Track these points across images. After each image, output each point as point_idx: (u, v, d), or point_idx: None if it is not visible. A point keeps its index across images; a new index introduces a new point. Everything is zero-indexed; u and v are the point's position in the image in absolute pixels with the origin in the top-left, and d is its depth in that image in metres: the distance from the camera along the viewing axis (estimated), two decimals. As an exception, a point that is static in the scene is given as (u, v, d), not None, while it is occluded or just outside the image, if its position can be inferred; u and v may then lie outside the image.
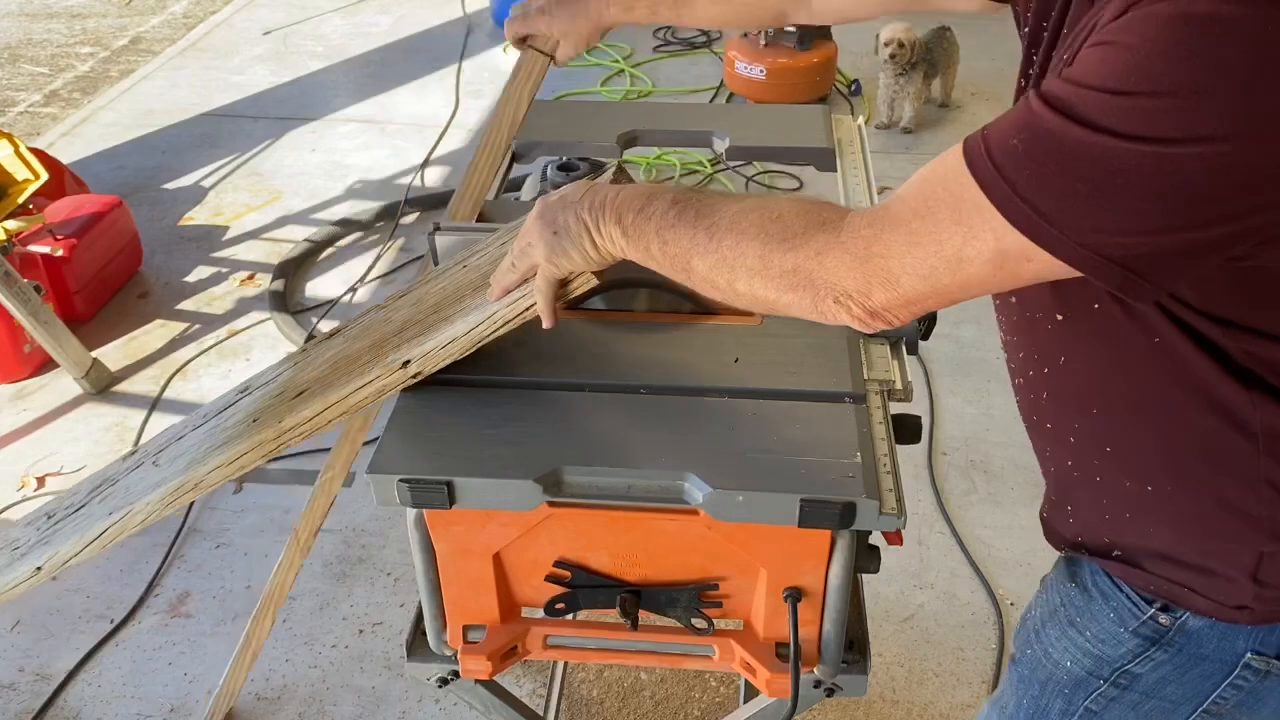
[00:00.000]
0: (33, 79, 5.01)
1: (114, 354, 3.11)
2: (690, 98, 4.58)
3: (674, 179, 3.89)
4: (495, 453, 1.07)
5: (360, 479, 2.54)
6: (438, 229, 1.36)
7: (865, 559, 1.12)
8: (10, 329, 2.87)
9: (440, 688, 1.29)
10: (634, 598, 1.14)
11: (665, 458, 1.06)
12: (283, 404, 1.18)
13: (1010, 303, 1.01)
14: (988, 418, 2.80)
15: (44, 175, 3.14)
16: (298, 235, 3.64)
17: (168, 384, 2.99)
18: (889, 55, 3.97)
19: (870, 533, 1.10)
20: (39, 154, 3.23)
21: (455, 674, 1.26)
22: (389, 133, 4.36)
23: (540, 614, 1.17)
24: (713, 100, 4.53)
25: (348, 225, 3.68)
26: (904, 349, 1.25)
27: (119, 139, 4.35)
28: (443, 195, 3.83)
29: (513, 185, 1.78)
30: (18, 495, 2.63)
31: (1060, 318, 0.93)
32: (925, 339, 1.32)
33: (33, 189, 3.10)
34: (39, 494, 2.63)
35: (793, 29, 4.20)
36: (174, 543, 2.47)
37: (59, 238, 3.07)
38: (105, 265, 3.27)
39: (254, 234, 3.70)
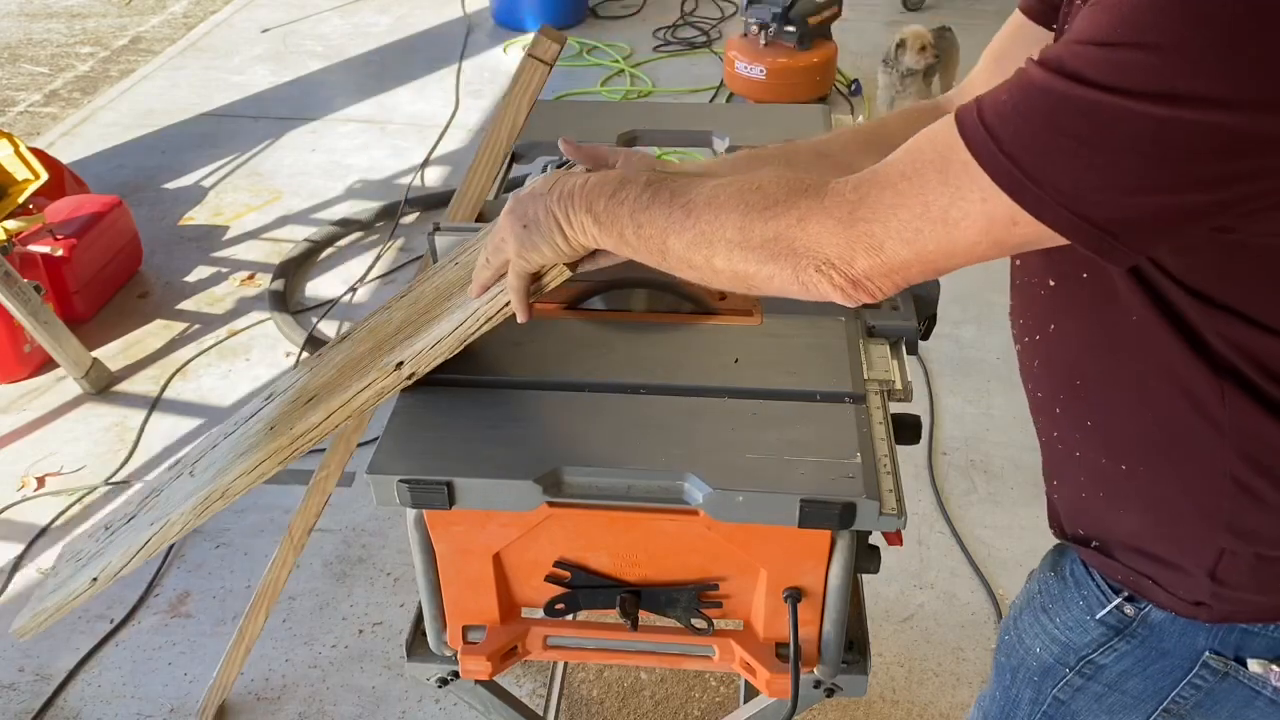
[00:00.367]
0: (33, 79, 5.01)
1: (114, 354, 3.11)
2: (690, 98, 4.58)
3: (674, 179, 3.88)
4: (495, 453, 1.07)
5: (360, 479, 2.55)
6: (438, 229, 1.36)
7: (865, 559, 1.12)
8: (10, 329, 2.87)
9: (440, 688, 1.29)
10: (634, 598, 1.14)
11: (665, 458, 1.06)
12: (295, 410, 1.20)
13: (1015, 266, 1.00)
14: (988, 418, 2.80)
15: (44, 175, 3.14)
16: (298, 235, 3.64)
17: (168, 384, 2.99)
18: (931, 57, 3.97)
19: (870, 533, 1.10)
20: (39, 154, 3.23)
21: (455, 674, 1.26)
22: (389, 133, 4.36)
23: (540, 614, 1.17)
24: (713, 100, 4.53)
25: (348, 225, 3.68)
26: (904, 349, 1.26)
27: (119, 139, 4.36)
28: (443, 195, 3.83)
29: (513, 185, 1.78)
30: (18, 495, 2.63)
31: (1051, 284, 0.93)
32: (925, 339, 1.32)
33: (33, 189, 3.10)
34: (39, 494, 2.63)
35: (792, 29, 4.21)
36: (174, 543, 2.47)
37: (59, 238, 3.07)
38: (105, 265, 3.27)
39: (254, 234, 3.70)
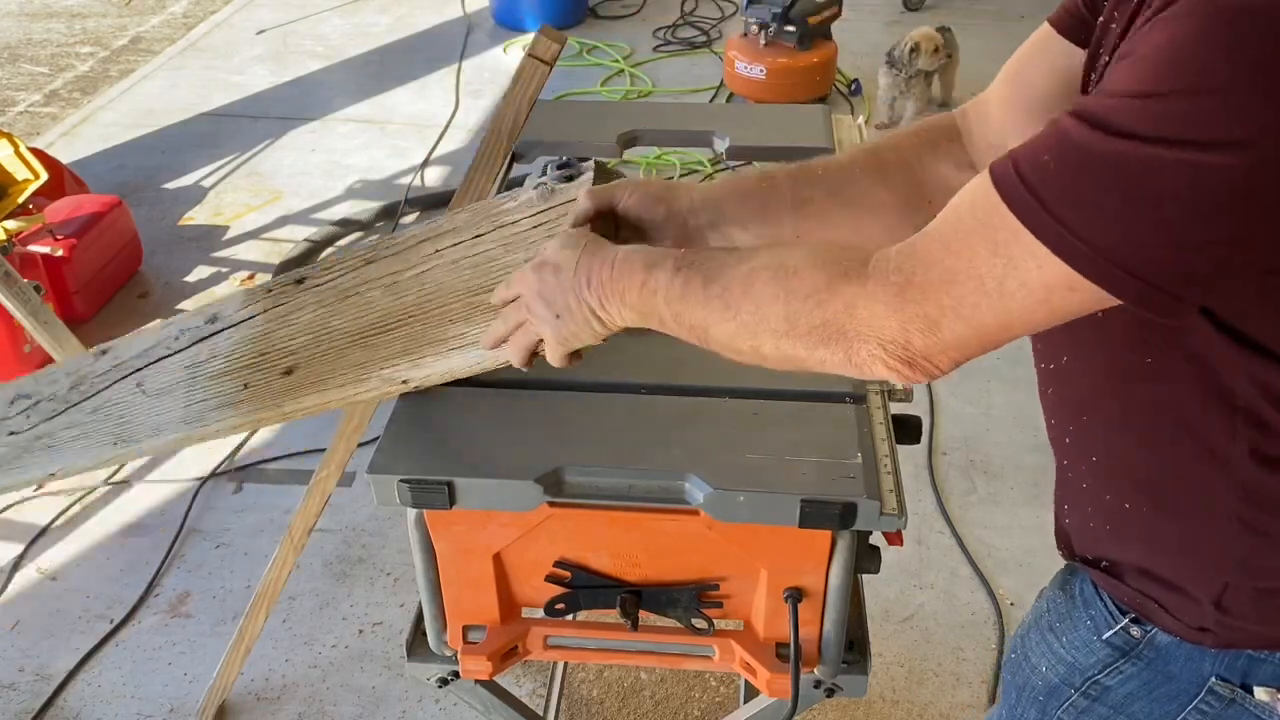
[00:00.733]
0: (33, 79, 5.01)
1: (114, 354, 3.10)
2: (690, 98, 4.58)
3: (674, 178, 3.88)
4: (495, 453, 1.07)
5: (360, 479, 2.55)
6: (438, 229, 1.36)
7: (865, 559, 1.12)
8: (10, 329, 2.87)
9: (440, 688, 1.29)
10: (634, 598, 1.14)
11: (665, 458, 1.06)
12: (274, 378, 1.19)
13: None
14: (988, 418, 2.80)
15: (44, 175, 3.14)
16: (298, 235, 3.64)
17: (168, 384, 2.99)
18: (944, 57, 3.97)
19: (870, 533, 1.10)
20: (39, 154, 3.22)
21: (455, 674, 1.26)
22: (389, 133, 4.36)
23: (540, 614, 1.17)
24: (713, 100, 4.53)
25: (348, 225, 3.68)
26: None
27: (119, 139, 4.35)
28: (443, 195, 3.83)
29: (513, 185, 1.78)
30: (18, 495, 2.63)
31: None
32: (925, 339, 1.32)
33: (33, 189, 3.10)
34: (39, 494, 2.63)
35: (792, 29, 4.21)
36: (174, 543, 2.47)
37: (59, 238, 3.07)
38: (105, 265, 3.27)
39: (254, 234, 3.70)
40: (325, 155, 4.20)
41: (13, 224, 2.96)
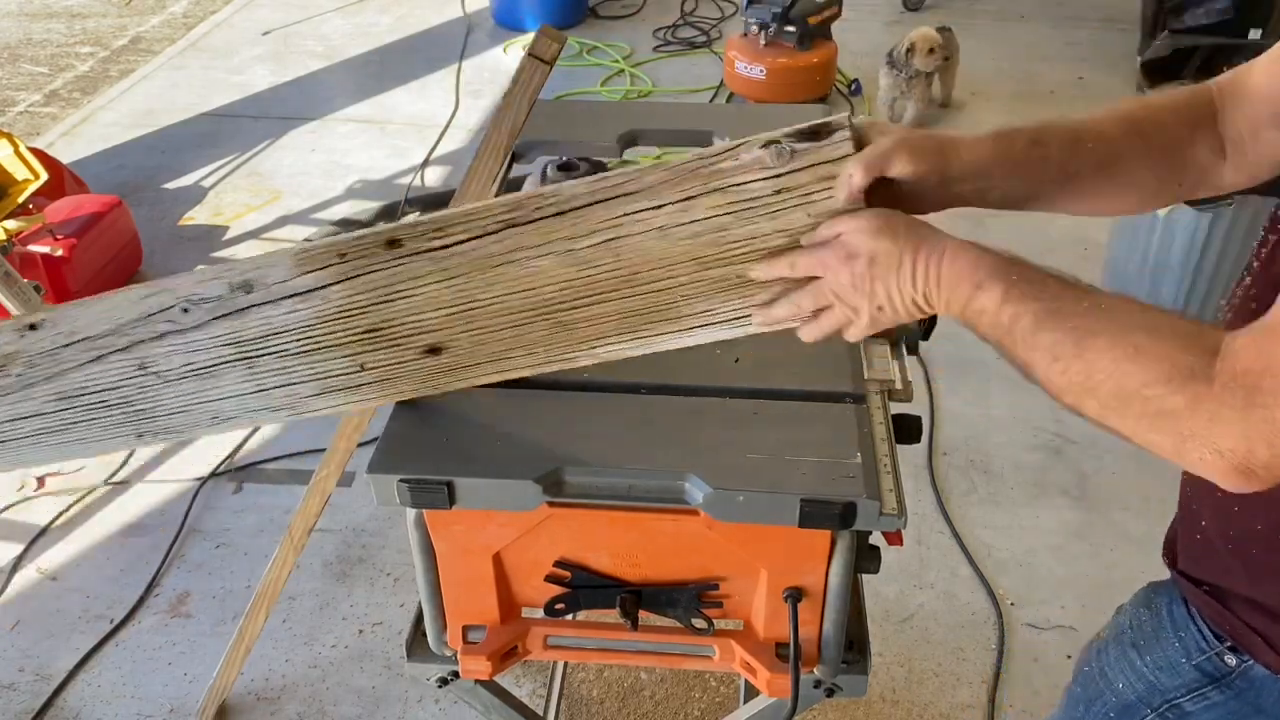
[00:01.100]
0: (33, 79, 5.01)
1: (114, 354, 3.10)
2: (690, 98, 4.58)
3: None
4: (495, 453, 1.07)
5: (360, 479, 2.55)
6: (438, 229, 1.36)
7: (865, 559, 1.12)
8: (10, 329, 2.87)
9: (440, 688, 1.29)
10: (634, 598, 1.14)
11: (665, 458, 1.06)
12: (413, 357, 1.08)
13: None
14: (988, 418, 2.80)
15: (44, 175, 3.14)
16: (298, 235, 3.64)
17: (168, 384, 2.99)
18: (940, 59, 3.97)
19: (870, 533, 1.10)
20: (39, 154, 3.23)
21: (455, 674, 1.26)
22: (389, 133, 4.36)
23: (540, 614, 1.17)
24: (713, 100, 4.53)
25: (348, 225, 3.67)
26: (904, 349, 1.25)
27: (119, 139, 4.35)
28: (443, 195, 3.83)
29: (513, 185, 1.78)
30: (18, 495, 2.63)
31: None
32: (925, 339, 1.32)
33: (33, 189, 3.10)
34: (39, 494, 2.63)
35: (792, 29, 4.21)
36: (174, 543, 2.47)
37: (59, 238, 3.07)
38: (105, 265, 3.27)
39: (254, 234, 3.70)
40: (325, 155, 4.20)
41: (13, 224, 2.96)
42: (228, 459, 2.71)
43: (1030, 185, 0.98)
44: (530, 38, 1.48)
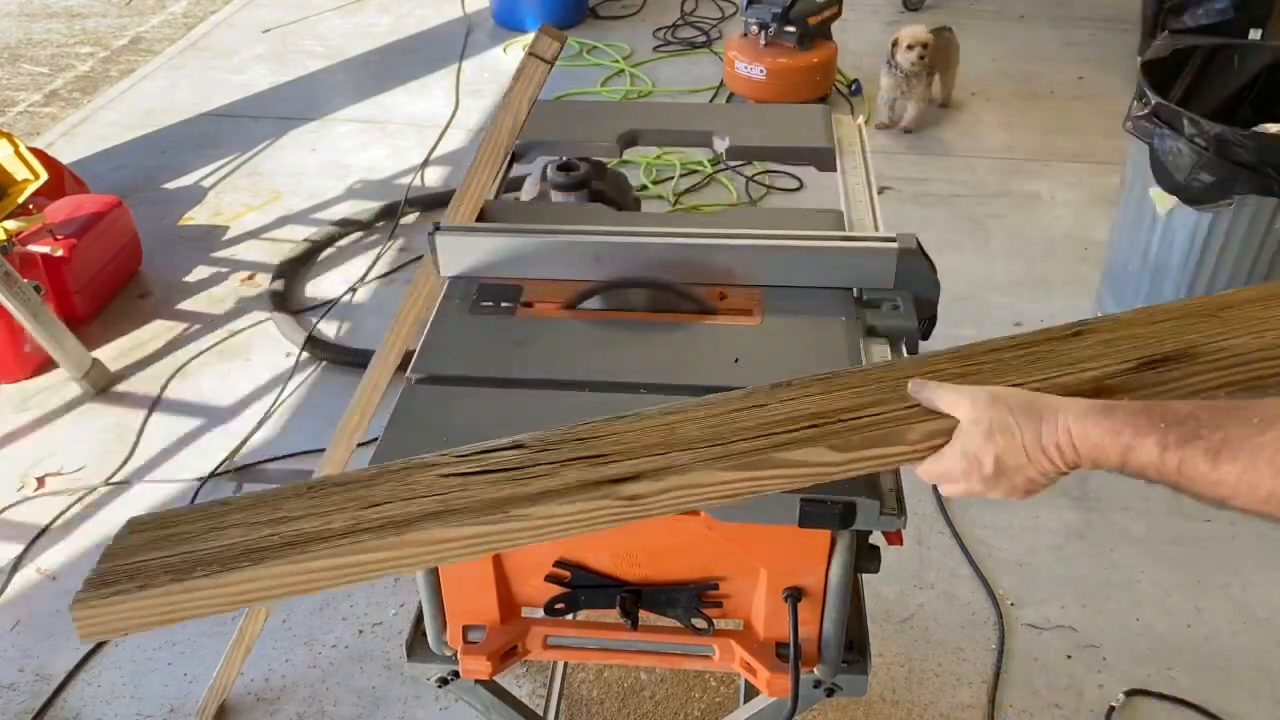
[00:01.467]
0: (33, 79, 5.01)
1: (114, 354, 3.10)
2: (690, 98, 4.58)
3: (674, 179, 3.89)
4: (495, 453, 1.07)
5: (360, 479, 2.54)
6: (438, 229, 1.36)
7: (865, 559, 1.12)
8: (10, 329, 2.87)
9: (440, 688, 1.29)
10: (634, 598, 1.14)
11: (665, 458, 1.05)
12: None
13: None
14: (988, 418, 2.80)
15: (44, 175, 3.13)
16: (298, 235, 3.64)
17: (168, 384, 2.99)
18: (916, 56, 3.97)
19: (870, 533, 1.10)
20: (39, 154, 3.22)
21: (455, 674, 1.26)
22: (389, 133, 4.36)
23: (540, 614, 1.17)
24: (713, 100, 4.53)
25: (348, 225, 3.68)
26: (904, 349, 1.25)
27: (119, 139, 4.35)
28: (443, 195, 3.83)
29: (513, 185, 1.78)
30: (18, 495, 2.63)
31: None
32: (925, 339, 1.32)
33: (33, 189, 3.10)
34: (39, 494, 2.63)
35: (792, 29, 4.21)
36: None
37: (59, 238, 3.07)
38: (105, 265, 3.27)
39: (254, 234, 3.70)
40: (325, 155, 4.21)
41: (13, 224, 2.96)
42: (228, 459, 2.71)
43: None
44: (530, 38, 1.49)
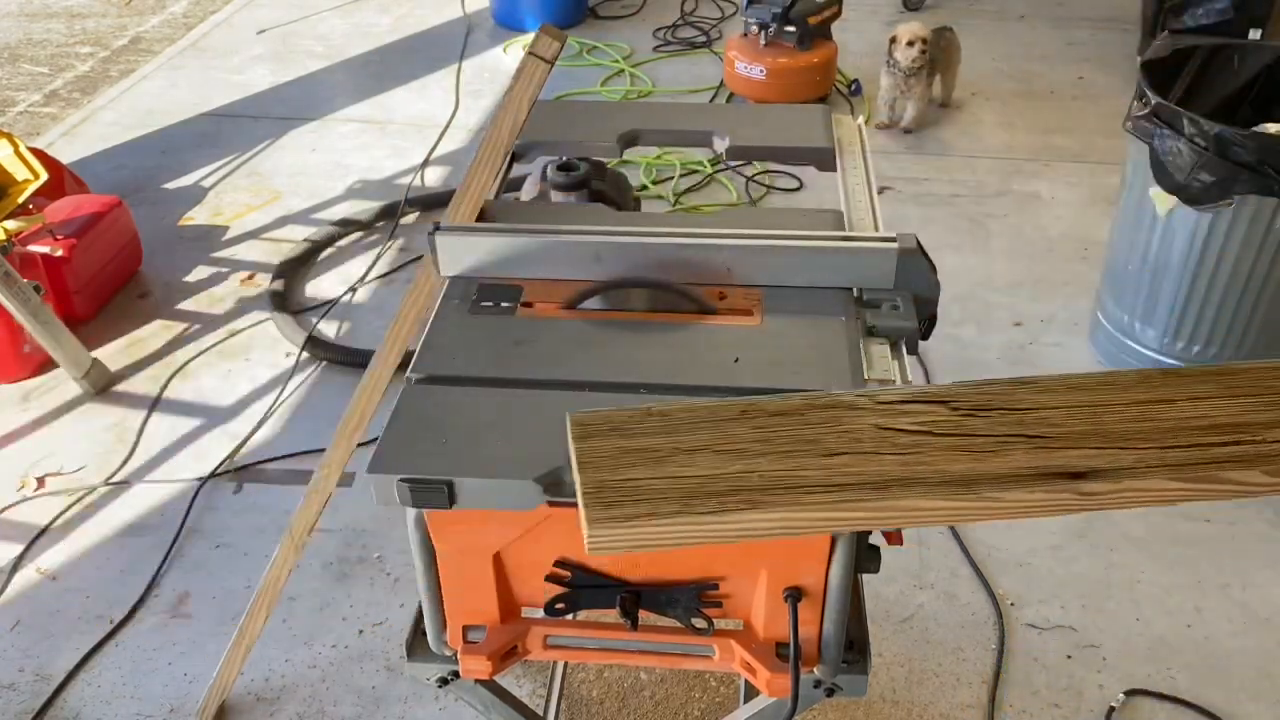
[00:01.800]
0: (33, 79, 5.01)
1: (114, 354, 3.11)
2: (690, 98, 4.58)
3: (674, 179, 3.89)
4: (495, 453, 1.07)
5: (360, 479, 2.55)
6: (438, 229, 1.36)
7: (865, 559, 1.12)
8: (10, 329, 2.87)
9: (440, 688, 1.29)
10: (634, 598, 1.14)
11: (665, 458, 1.05)
12: None
13: None
14: (988, 418, 2.80)
15: (44, 175, 3.13)
16: (298, 235, 3.64)
17: (168, 384, 2.99)
18: (917, 53, 3.97)
19: (870, 532, 1.10)
20: (39, 154, 3.22)
21: (455, 674, 1.26)
22: (389, 133, 4.36)
23: (540, 614, 1.17)
24: (713, 100, 4.53)
25: (348, 225, 3.68)
26: (904, 349, 1.26)
27: (119, 139, 4.35)
28: (443, 195, 3.83)
29: (513, 185, 1.78)
30: (18, 495, 2.63)
31: None
32: (925, 339, 1.32)
33: (33, 189, 3.10)
34: (39, 494, 2.63)
35: (792, 29, 4.21)
36: (174, 543, 2.47)
37: (59, 238, 3.07)
38: (105, 265, 3.27)
39: (254, 234, 3.70)
40: (325, 155, 4.21)
41: (13, 224, 2.96)
42: (228, 459, 2.72)
43: None
44: (530, 38, 1.49)
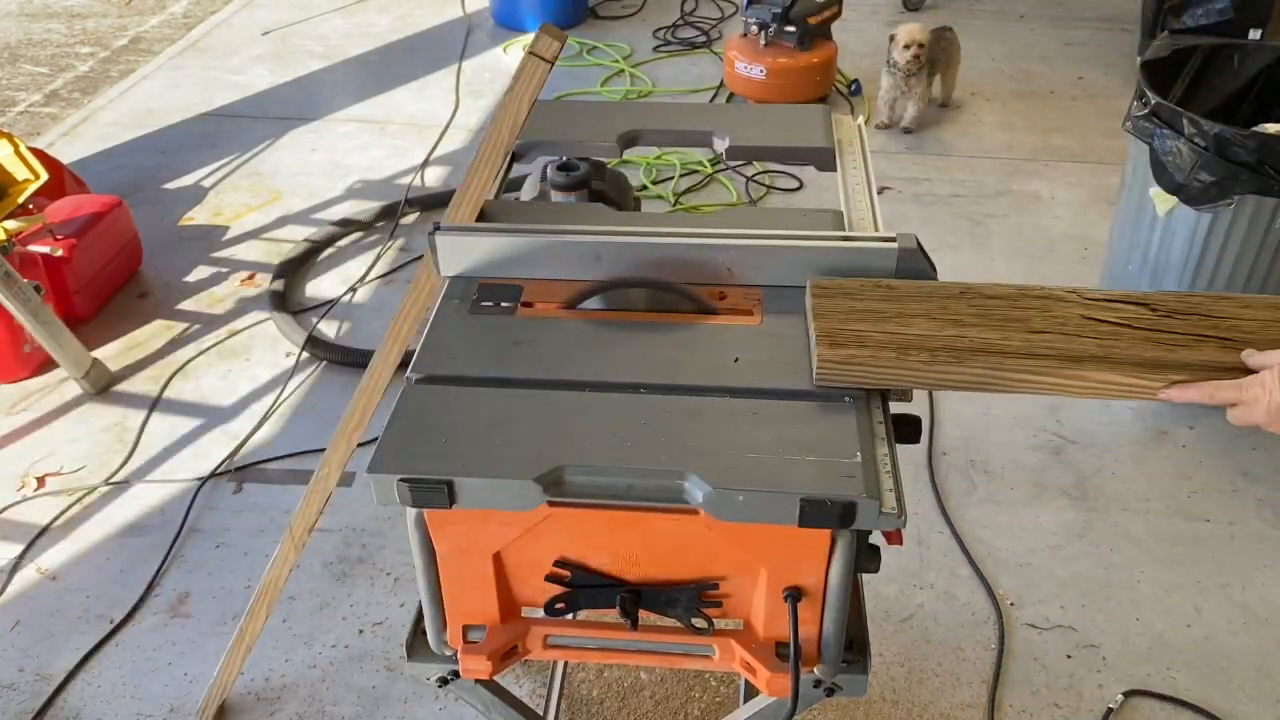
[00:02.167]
0: (33, 79, 5.01)
1: (114, 354, 3.11)
2: (690, 98, 4.58)
3: (674, 179, 3.89)
4: (495, 453, 1.07)
5: (360, 479, 2.55)
6: (438, 229, 1.36)
7: (865, 559, 1.12)
8: (10, 329, 2.87)
9: (440, 687, 1.29)
10: (634, 597, 1.14)
11: (665, 457, 1.06)
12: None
13: None
14: (988, 418, 2.80)
15: (44, 175, 3.13)
16: (298, 235, 3.64)
17: (168, 384, 2.99)
18: (911, 56, 3.97)
19: (870, 532, 1.10)
20: (39, 154, 3.22)
21: (455, 674, 1.26)
22: (389, 133, 4.36)
23: (540, 613, 1.17)
24: (713, 100, 4.53)
25: (348, 225, 3.68)
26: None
27: (119, 139, 4.35)
28: (443, 195, 3.83)
29: (513, 185, 1.78)
30: (18, 495, 2.63)
31: None
32: (925, 339, 1.32)
33: (33, 189, 3.10)
34: (39, 494, 2.63)
35: (792, 29, 4.21)
36: (174, 543, 2.47)
37: (59, 238, 3.07)
38: (105, 265, 3.27)
39: (254, 234, 3.70)
40: (325, 155, 4.21)
41: (13, 224, 2.96)
42: (228, 459, 2.72)
43: None
44: (530, 38, 1.49)
